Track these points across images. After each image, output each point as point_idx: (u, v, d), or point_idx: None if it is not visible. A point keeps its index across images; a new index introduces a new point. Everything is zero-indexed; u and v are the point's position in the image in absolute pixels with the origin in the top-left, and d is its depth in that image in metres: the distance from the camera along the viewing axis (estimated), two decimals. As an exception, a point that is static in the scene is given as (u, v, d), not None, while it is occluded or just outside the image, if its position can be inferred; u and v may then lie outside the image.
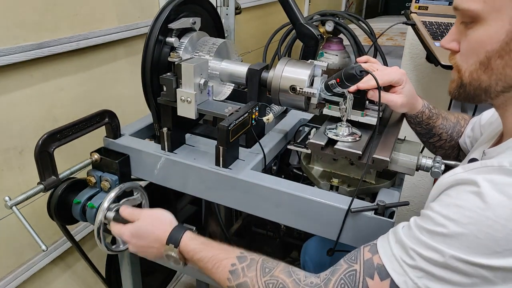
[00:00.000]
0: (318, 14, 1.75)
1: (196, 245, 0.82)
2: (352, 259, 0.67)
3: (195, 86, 0.96)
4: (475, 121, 1.02)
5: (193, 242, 0.83)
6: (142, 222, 0.89)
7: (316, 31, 1.08)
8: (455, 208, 0.57)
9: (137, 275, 1.30)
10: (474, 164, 0.61)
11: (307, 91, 0.95)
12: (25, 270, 1.23)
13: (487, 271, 0.54)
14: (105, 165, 1.07)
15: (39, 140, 0.94)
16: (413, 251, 0.60)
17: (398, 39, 2.75)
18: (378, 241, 0.67)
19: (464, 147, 1.03)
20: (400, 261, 0.61)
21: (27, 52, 1.08)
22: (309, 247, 1.34)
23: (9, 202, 0.92)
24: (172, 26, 1.00)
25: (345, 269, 0.67)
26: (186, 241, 0.83)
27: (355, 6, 4.86)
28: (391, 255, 0.63)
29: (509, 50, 0.63)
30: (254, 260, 0.76)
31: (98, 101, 1.37)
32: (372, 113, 0.97)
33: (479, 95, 0.70)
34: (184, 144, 1.11)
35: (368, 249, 0.67)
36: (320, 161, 1.05)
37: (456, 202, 0.58)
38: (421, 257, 0.59)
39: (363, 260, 0.66)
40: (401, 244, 0.62)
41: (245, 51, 2.43)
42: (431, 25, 1.35)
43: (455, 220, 0.57)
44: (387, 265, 0.62)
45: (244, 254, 0.78)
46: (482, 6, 0.63)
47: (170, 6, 1.01)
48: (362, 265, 0.65)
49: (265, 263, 0.75)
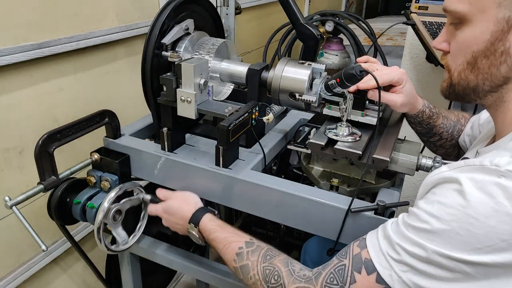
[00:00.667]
0: (318, 14, 1.75)
1: (213, 226, 0.90)
2: (343, 254, 0.70)
3: (195, 86, 0.96)
4: (475, 119, 1.02)
5: (210, 223, 0.91)
6: (172, 201, 0.99)
7: (316, 31, 1.08)
8: (438, 205, 0.59)
9: (137, 275, 1.29)
10: (458, 163, 0.63)
11: (306, 99, 0.96)
12: (25, 270, 1.23)
13: (468, 266, 0.56)
14: (105, 165, 1.07)
15: (39, 140, 0.94)
16: (398, 246, 0.62)
17: (398, 39, 2.75)
18: (368, 236, 0.70)
19: (463, 146, 1.04)
20: (386, 255, 0.64)
21: (27, 52, 1.08)
22: (309, 247, 1.34)
23: (9, 202, 0.92)
24: (166, 41, 1.01)
25: (335, 264, 0.69)
26: (205, 221, 0.91)
27: (355, 6, 4.86)
28: (379, 250, 0.65)
29: (494, 51, 0.65)
30: (260, 247, 0.82)
31: (98, 101, 1.37)
32: (372, 113, 0.97)
33: (468, 94, 0.72)
34: (184, 144, 1.11)
35: (357, 244, 0.70)
36: (320, 161, 1.05)
37: (440, 200, 0.60)
38: (406, 252, 0.61)
39: (352, 255, 0.68)
40: (388, 239, 0.65)
41: (245, 51, 2.43)
42: (431, 25, 1.35)
43: (438, 217, 0.59)
44: (374, 259, 0.65)
45: (253, 241, 0.84)
46: (468, 7, 0.66)
47: (170, 6, 1.01)
48: (350, 260, 0.68)
49: (268, 252, 0.80)
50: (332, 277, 0.68)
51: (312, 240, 1.36)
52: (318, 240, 1.33)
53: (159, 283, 1.57)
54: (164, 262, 1.18)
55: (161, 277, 1.57)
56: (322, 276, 0.69)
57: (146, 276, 1.38)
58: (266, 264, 0.77)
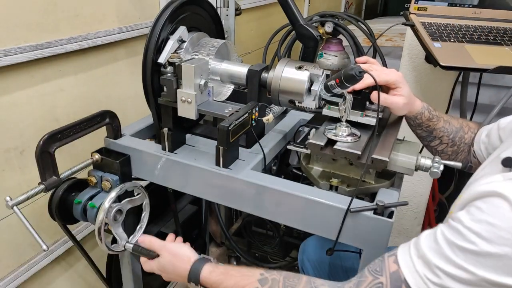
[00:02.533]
0: (318, 15, 1.75)
1: (217, 277, 0.84)
2: (377, 270, 0.66)
3: (196, 86, 0.96)
4: (491, 127, 0.98)
5: (212, 275, 0.85)
6: (164, 259, 0.94)
7: (315, 32, 1.08)
8: (488, 227, 0.55)
9: (138, 274, 1.30)
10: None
11: (305, 106, 0.96)
12: (26, 269, 1.24)
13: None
14: (106, 165, 1.07)
15: (40, 140, 0.94)
16: (437, 268, 0.58)
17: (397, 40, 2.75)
18: (399, 253, 0.65)
19: (480, 154, 1.00)
20: (424, 278, 0.60)
21: (28, 52, 1.09)
22: (306, 247, 1.35)
23: (10, 202, 0.92)
24: (161, 60, 1.00)
25: (370, 282, 0.65)
26: (206, 276, 0.85)
27: (354, 7, 4.87)
28: (414, 272, 0.61)
29: None
30: (276, 280, 0.76)
31: (98, 101, 1.37)
32: (371, 114, 0.98)
33: None
34: (185, 144, 1.11)
35: (393, 260, 0.65)
36: (319, 161, 1.06)
37: (488, 220, 0.55)
38: (447, 275, 0.57)
39: (389, 273, 0.64)
40: (424, 259, 0.60)
41: (245, 52, 2.43)
42: (430, 26, 1.36)
43: (488, 239, 0.54)
44: (410, 281, 0.61)
45: (265, 276, 0.78)
46: None
47: (171, 7, 1.02)
48: (388, 278, 0.63)
49: (286, 282, 0.75)
50: None
51: (310, 240, 1.36)
52: (316, 240, 1.34)
53: (159, 282, 1.58)
54: (165, 261, 1.18)
55: (161, 277, 1.58)
56: None
57: (146, 275, 1.39)
58: None
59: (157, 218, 1.39)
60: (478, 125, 1.06)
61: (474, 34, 1.32)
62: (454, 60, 1.20)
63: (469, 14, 1.41)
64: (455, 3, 1.41)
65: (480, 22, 1.38)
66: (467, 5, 1.40)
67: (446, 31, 1.33)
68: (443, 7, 1.42)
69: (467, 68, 1.26)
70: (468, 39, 1.30)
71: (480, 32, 1.33)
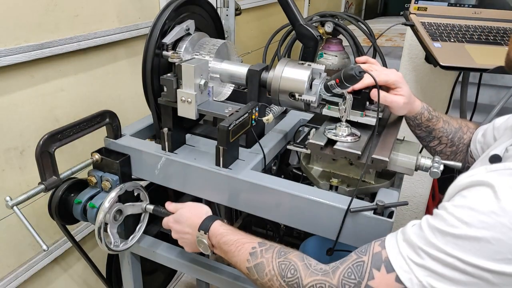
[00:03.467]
0: (318, 15, 1.75)
1: (223, 230, 0.89)
2: (362, 251, 0.70)
3: (196, 86, 0.96)
4: (486, 127, 1.00)
5: (221, 227, 0.90)
6: (183, 210, 0.98)
7: (315, 32, 1.08)
8: (469, 211, 0.57)
9: (138, 274, 1.30)
10: (497, 166, 0.61)
11: (306, 99, 0.96)
12: (26, 269, 1.24)
13: (494, 276, 0.55)
14: (106, 165, 1.07)
15: (40, 140, 0.94)
16: (422, 250, 0.61)
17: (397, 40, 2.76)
18: (387, 238, 0.69)
19: (476, 153, 1.02)
20: (407, 259, 0.63)
21: (28, 52, 1.09)
22: (306, 247, 1.35)
23: (10, 202, 0.92)
24: (166, 40, 1.01)
25: (354, 260, 0.69)
26: (216, 226, 0.90)
27: (354, 7, 4.87)
28: (398, 253, 0.64)
29: None
30: (273, 245, 0.82)
31: (98, 101, 1.37)
32: (371, 114, 0.98)
33: None
34: (185, 144, 1.11)
35: (379, 244, 0.69)
36: (319, 161, 1.06)
37: (470, 205, 0.58)
38: (430, 257, 0.60)
39: (372, 253, 0.68)
40: (409, 243, 0.63)
41: (245, 52, 2.43)
42: (430, 26, 1.36)
43: (468, 223, 0.57)
44: (393, 262, 0.64)
45: (265, 241, 0.84)
46: None
47: (171, 7, 1.02)
48: (370, 257, 0.67)
49: (282, 249, 0.81)
50: (350, 271, 0.68)
51: (309, 240, 1.36)
52: (315, 240, 1.34)
53: (159, 282, 1.58)
54: (165, 261, 1.18)
55: (161, 277, 1.58)
56: (339, 270, 0.69)
57: (146, 275, 1.39)
58: (282, 260, 0.77)
59: (157, 218, 1.38)
60: (477, 125, 1.06)
61: (474, 34, 1.32)
62: (454, 60, 1.21)
63: (469, 14, 1.41)
64: (455, 3, 1.41)
65: (480, 22, 1.38)
66: (467, 5, 1.41)
67: (446, 31, 1.33)
68: (443, 7, 1.42)
69: (467, 68, 1.26)
70: (468, 39, 1.30)
71: (480, 32, 1.33)
